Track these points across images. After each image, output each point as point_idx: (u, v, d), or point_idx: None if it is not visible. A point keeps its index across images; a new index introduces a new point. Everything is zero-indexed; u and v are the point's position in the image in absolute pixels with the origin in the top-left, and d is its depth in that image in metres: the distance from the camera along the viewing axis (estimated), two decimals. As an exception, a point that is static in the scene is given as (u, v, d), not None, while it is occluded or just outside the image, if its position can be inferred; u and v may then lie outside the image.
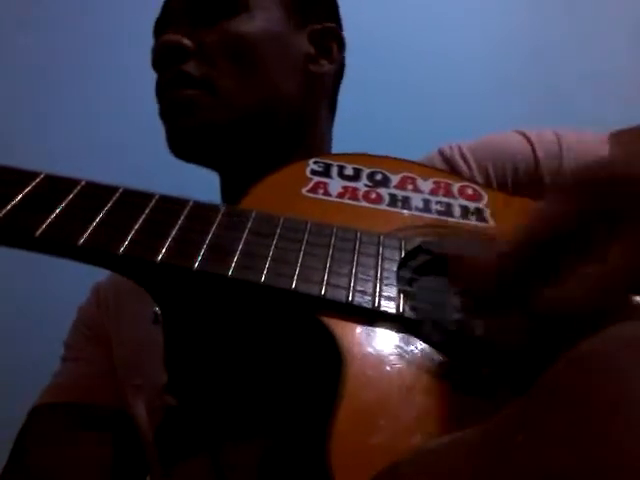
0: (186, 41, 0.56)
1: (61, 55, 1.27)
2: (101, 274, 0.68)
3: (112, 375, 0.61)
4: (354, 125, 0.78)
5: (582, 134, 0.60)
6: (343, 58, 0.67)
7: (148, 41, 0.62)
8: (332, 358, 0.34)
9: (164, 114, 0.59)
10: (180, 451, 0.52)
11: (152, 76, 0.61)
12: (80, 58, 1.28)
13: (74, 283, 0.73)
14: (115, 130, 1.21)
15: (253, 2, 0.58)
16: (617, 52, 1.29)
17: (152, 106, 0.61)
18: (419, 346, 0.35)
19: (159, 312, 0.45)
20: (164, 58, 0.57)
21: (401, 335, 0.35)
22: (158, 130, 0.60)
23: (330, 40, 0.62)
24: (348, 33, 0.68)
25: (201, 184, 0.67)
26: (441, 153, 0.63)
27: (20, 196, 0.39)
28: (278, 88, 0.58)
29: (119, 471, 0.58)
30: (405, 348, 0.35)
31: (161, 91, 0.59)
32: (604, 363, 0.20)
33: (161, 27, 0.62)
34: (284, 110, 0.59)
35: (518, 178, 0.59)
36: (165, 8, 0.63)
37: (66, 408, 0.59)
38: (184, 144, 0.58)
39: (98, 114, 1.24)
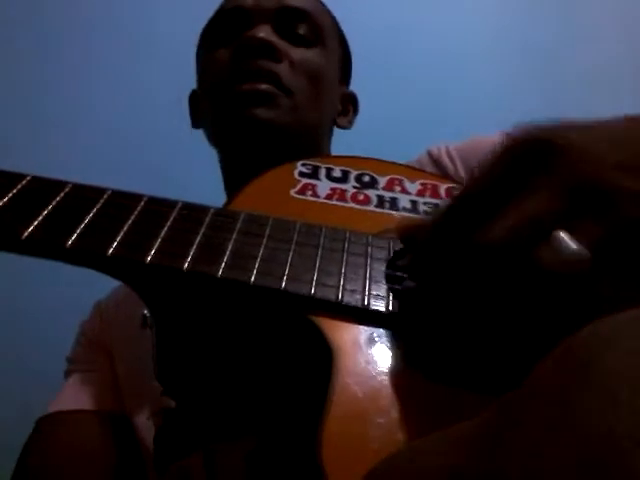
0: (280, 46, 0.62)
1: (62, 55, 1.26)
2: (95, 290, 0.68)
3: (115, 384, 0.62)
4: (354, 126, 0.79)
5: None
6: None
7: (149, 40, 0.64)
8: (323, 357, 0.34)
9: (237, 100, 0.62)
10: (176, 452, 0.52)
11: (150, 76, 0.66)
12: (81, 59, 1.27)
13: (74, 299, 0.75)
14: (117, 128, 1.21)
15: (326, 43, 0.67)
16: (612, 50, 1.31)
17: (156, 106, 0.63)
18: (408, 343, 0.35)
19: (148, 315, 0.45)
20: (254, 51, 0.61)
21: (390, 333, 0.36)
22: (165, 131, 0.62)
23: (349, 103, 0.73)
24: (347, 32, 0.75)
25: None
26: (429, 153, 0.65)
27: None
28: (323, 118, 0.67)
29: (121, 476, 0.59)
30: (394, 346, 0.35)
31: (235, 79, 0.62)
32: (585, 361, 0.21)
33: (243, 18, 0.65)
34: (315, 135, 0.67)
35: None
36: (254, 4, 0.66)
37: (72, 415, 0.60)
38: (257, 131, 0.61)
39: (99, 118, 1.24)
